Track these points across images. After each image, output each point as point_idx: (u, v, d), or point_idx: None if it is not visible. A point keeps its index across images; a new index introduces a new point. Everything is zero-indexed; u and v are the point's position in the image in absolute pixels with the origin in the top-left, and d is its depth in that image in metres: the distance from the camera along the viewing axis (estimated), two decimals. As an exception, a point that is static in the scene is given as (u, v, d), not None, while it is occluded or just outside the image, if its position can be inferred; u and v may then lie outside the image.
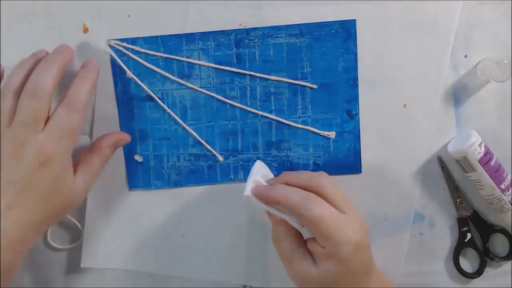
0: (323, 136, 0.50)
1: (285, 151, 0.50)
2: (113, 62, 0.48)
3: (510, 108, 0.49)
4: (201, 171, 0.50)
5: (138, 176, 0.50)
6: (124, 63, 0.48)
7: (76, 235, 0.52)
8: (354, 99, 0.49)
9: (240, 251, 0.50)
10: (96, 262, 0.50)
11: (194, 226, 0.51)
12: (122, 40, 0.48)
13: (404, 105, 0.49)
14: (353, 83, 0.49)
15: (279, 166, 0.50)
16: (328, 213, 0.38)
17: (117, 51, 0.48)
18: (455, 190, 0.50)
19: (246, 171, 0.50)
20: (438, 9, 0.48)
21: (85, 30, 0.48)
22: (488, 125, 0.50)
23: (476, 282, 0.51)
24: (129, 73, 0.48)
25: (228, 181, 0.51)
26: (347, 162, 0.50)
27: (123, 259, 0.51)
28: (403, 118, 0.49)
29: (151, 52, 0.48)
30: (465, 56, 0.49)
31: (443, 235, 0.52)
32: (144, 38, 0.48)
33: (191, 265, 0.52)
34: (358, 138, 0.50)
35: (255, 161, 0.49)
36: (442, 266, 0.52)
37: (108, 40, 0.48)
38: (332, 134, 0.50)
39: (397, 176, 0.50)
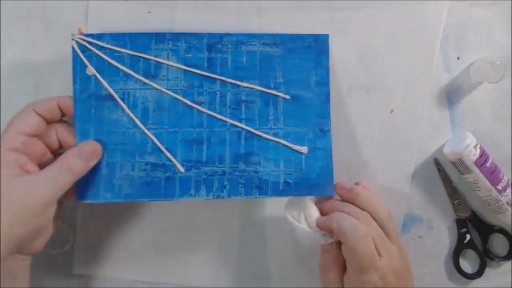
0: (295, 150, 0.46)
1: (254, 166, 0.46)
2: (75, 58, 0.45)
3: (507, 108, 0.50)
4: (157, 184, 0.45)
5: (87, 186, 0.44)
6: (87, 59, 0.45)
7: (65, 238, 0.49)
8: (326, 114, 0.47)
9: (231, 259, 0.51)
10: (88, 269, 0.50)
11: (187, 235, 0.51)
12: (87, 35, 0.45)
13: (392, 111, 0.49)
14: (325, 98, 0.47)
15: (247, 182, 0.45)
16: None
17: (80, 46, 0.45)
18: (453, 192, 0.50)
19: (210, 186, 0.45)
20: (424, 12, 0.49)
21: (80, 32, 0.47)
22: (483, 126, 0.49)
23: (476, 282, 0.50)
24: (90, 69, 0.45)
25: (187, 197, 0.45)
26: (320, 182, 0.46)
27: (115, 267, 0.50)
28: (391, 122, 0.49)
29: (116, 49, 0.45)
30: (458, 58, 0.49)
31: (442, 237, 0.50)
32: (111, 34, 0.45)
33: (181, 273, 0.51)
34: (330, 156, 0.46)
35: (221, 175, 0.44)
36: (442, 267, 0.50)
37: (72, 34, 0.45)
38: (304, 149, 0.46)
39: (386, 180, 0.49)
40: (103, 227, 0.50)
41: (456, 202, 0.49)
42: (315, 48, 0.48)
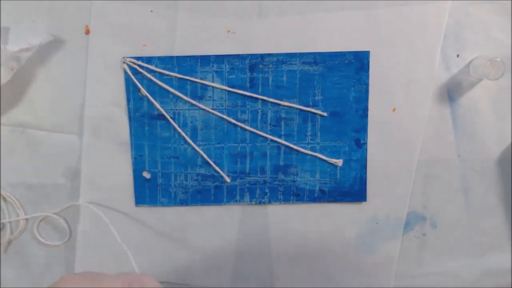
0: (331, 163, 0.50)
1: (292, 176, 0.50)
2: (127, 79, 0.48)
3: (507, 104, 0.50)
4: (208, 191, 0.51)
5: (145, 192, 0.51)
6: (138, 81, 0.48)
7: (63, 234, 0.53)
8: (363, 128, 0.50)
9: (234, 259, 0.52)
10: (89, 268, 0.51)
11: (188, 234, 0.52)
12: (137, 58, 0.48)
13: (394, 110, 0.50)
14: (363, 113, 0.49)
15: (285, 190, 0.51)
16: None
17: (131, 68, 0.48)
18: None
19: (253, 193, 0.50)
20: (425, 12, 0.48)
21: (87, 31, 0.48)
22: (484, 123, 0.50)
23: (478, 282, 0.52)
24: (143, 91, 0.48)
25: (233, 202, 0.51)
26: (353, 190, 0.51)
27: (115, 266, 0.52)
28: (393, 121, 0.50)
29: (166, 72, 0.48)
30: (458, 56, 0.49)
31: (447, 235, 0.52)
32: (159, 58, 0.48)
33: (183, 272, 0.53)
34: (365, 167, 0.50)
35: (262, 184, 0.50)
36: (446, 265, 0.53)
37: (123, 57, 0.48)
38: (339, 162, 0.50)
39: (389, 178, 0.51)
40: (104, 227, 0.49)
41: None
42: (355, 64, 0.49)
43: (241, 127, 0.49)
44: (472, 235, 0.52)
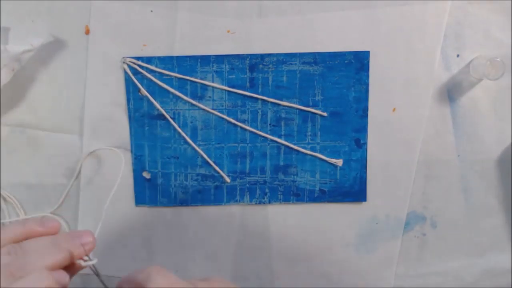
0: (331, 163, 0.50)
1: (292, 176, 0.51)
2: (127, 79, 0.48)
3: (507, 104, 0.50)
4: (208, 191, 0.51)
5: (145, 192, 0.51)
6: (138, 81, 0.48)
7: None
8: (363, 128, 0.50)
9: (234, 258, 0.52)
10: (89, 269, 0.51)
11: (188, 233, 0.53)
12: (137, 58, 0.48)
13: (394, 109, 0.50)
14: (363, 113, 0.49)
15: (285, 190, 0.51)
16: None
17: (131, 68, 0.48)
18: None
19: (253, 193, 0.50)
20: (425, 12, 0.48)
21: (87, 31, 0.48)
22: (484, 123, 0.50)
23: (478, 282, 0.53)
24: (143, 91, 0.49)
25: (233, 202, 0.51)
26: (353, 190, 0.51)
27: (116, 267, 0.52)
28: (393, 121, 0.50)
29: (166, 72, 0.48)
30: (458, 56, 0.49)
31: (446, 235, 0.52)
32: (159, 58, 0.48)
33: (182, 272, 0.53)
34: (365, 167, 0.50)
35: (262, 184, 0.50)
36: (446, 265, 0.53)
37: (123, 57, 0.48)
38: (339, 162, 0.50)
39: (389, 178, 0.51)
40: (104, 227, 0.49)
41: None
42: (355, 64, 0.49)
43: (241, 127, 0.49)
44: (472, 235, 0.52)
